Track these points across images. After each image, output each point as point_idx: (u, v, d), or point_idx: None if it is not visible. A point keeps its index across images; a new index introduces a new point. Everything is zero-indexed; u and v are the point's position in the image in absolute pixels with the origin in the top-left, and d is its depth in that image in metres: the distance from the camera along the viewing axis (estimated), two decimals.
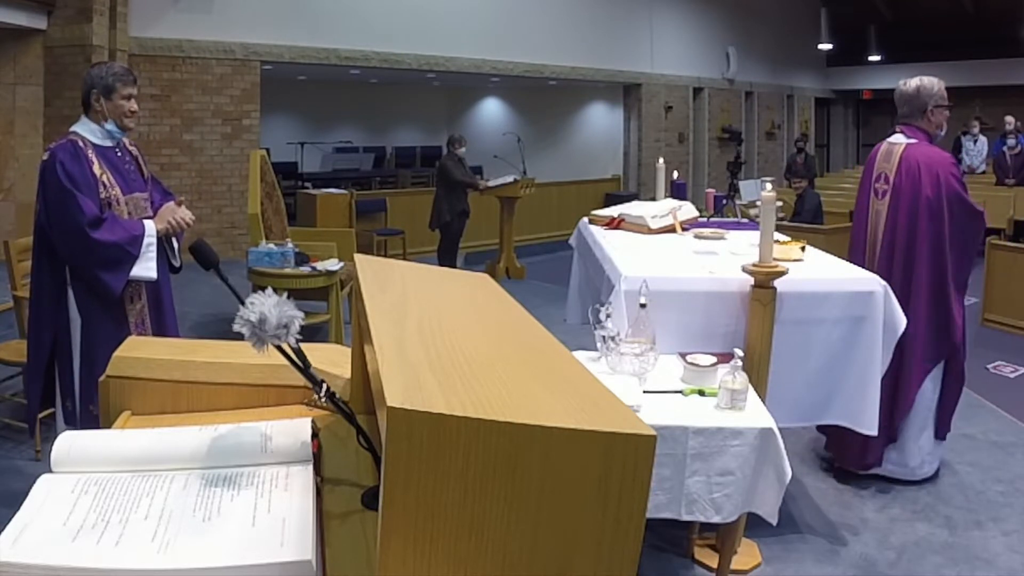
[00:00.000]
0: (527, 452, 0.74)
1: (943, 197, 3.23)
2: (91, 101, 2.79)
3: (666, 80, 13.09)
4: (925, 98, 3.35)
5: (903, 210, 3.29)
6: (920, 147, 3.33)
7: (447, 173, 7.50)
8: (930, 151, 3.32)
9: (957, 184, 3.28)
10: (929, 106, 3.35)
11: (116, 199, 2.76)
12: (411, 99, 14.97)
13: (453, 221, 7.52)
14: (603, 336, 2.54)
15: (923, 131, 3.38)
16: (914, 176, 3.27)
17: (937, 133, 3.42)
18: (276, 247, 5.10)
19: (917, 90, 3.37)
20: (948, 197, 3.23)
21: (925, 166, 3.26)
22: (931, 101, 3.35)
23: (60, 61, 7.14)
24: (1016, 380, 5.12)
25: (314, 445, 1.16)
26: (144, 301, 2.87)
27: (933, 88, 3.36)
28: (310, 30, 8.88)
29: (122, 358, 1.39)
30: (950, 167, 3.31)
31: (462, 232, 7.74)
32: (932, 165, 3.26)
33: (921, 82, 3.38)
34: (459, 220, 7.56)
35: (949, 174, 3.27)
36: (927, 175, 3.24)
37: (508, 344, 1.05)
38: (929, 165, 3.26)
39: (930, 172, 3.24)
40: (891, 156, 3.38)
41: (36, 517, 0.96)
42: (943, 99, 3.38)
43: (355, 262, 1.30)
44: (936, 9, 15.62)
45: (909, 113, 3.40)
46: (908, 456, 3.39)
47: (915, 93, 3.37)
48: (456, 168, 7.50)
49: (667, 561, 2.87)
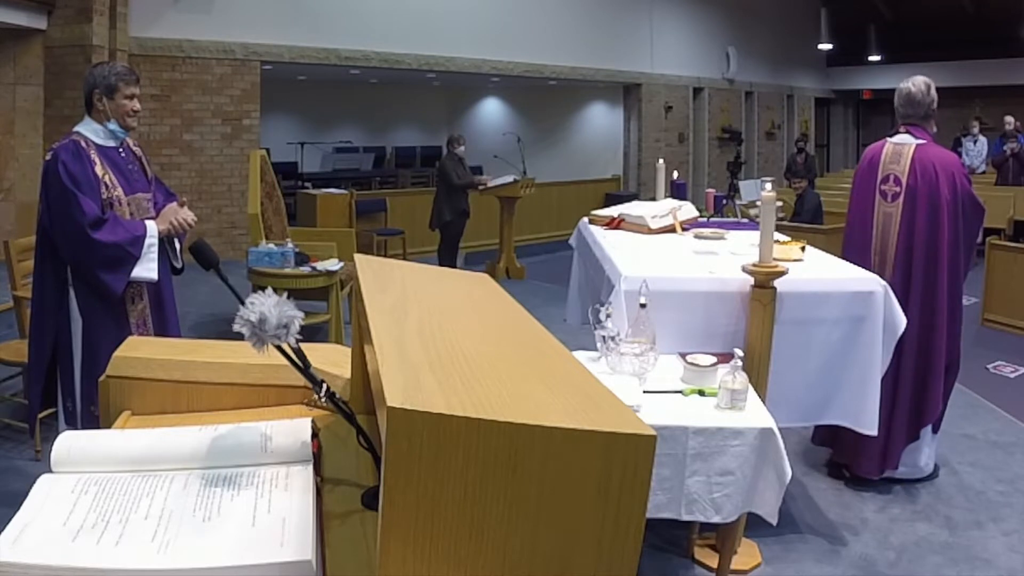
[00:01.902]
0: (527, 452, 0.74)
1: (958, 197, 3.26)
2: (93, 101, 2.78)
3: (666, 80, 13.09)
4: (933, 98, 3.38)
5: (921, 212, 3.26)
6: (931, 148, 3.33)
7: (446, 174, 7.52)
8: (941, 152, 3.35)
9: (969, 183, 3.34)
10: (934, 106, 3.39)
11: (118, 199, 2.76)
12: (411, 99, 14.96)
13: (453, 221, 7.52)
14: (603, 336, 2.54)
15: (928, 132, 3.39)
16: (931, 178, 3.25)
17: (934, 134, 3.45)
18: (276, 247, 5.10)
19: (928, 89, 3.37)
20: (962, 197, 3.27)
21: (941, 167, 3.27)
22: (931, 104, 3.38)
23: (60, 61, 7.14)
24: (1016, 380, 5.12)
25: (314, 445, 1.16)
26: (145, 302, 2.87)
27: (930, 90, 3.39)
28: (310, 30, 8.87)
29: (122, 358, 1.39)
30: (960, 167, 3.37)
31: (462, 232, 7.75)
32: (947, 166, 3.28)
33: (929, 82, 3.41)
34: (459, 220, 7.57)
35: (962, 175, 3.32)
36: (944, 176, 3.25)
37: (508, 344, 1.05)
38: (944, 166, 3.28)
39: (946, 173, 3.26)
40: (900, 157, 3.34)
41: (36, 517, 0.96)
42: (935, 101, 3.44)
43: (355, 262, 1.30)
44: (936, 9, 15.62)
45: (916, 114, 3.38)
46: (919, 455, 3.40)
47: (925, 93, 3.37)
48: (455, 169, 7.51)
49: (667, 561, 2.87)
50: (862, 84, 17.52)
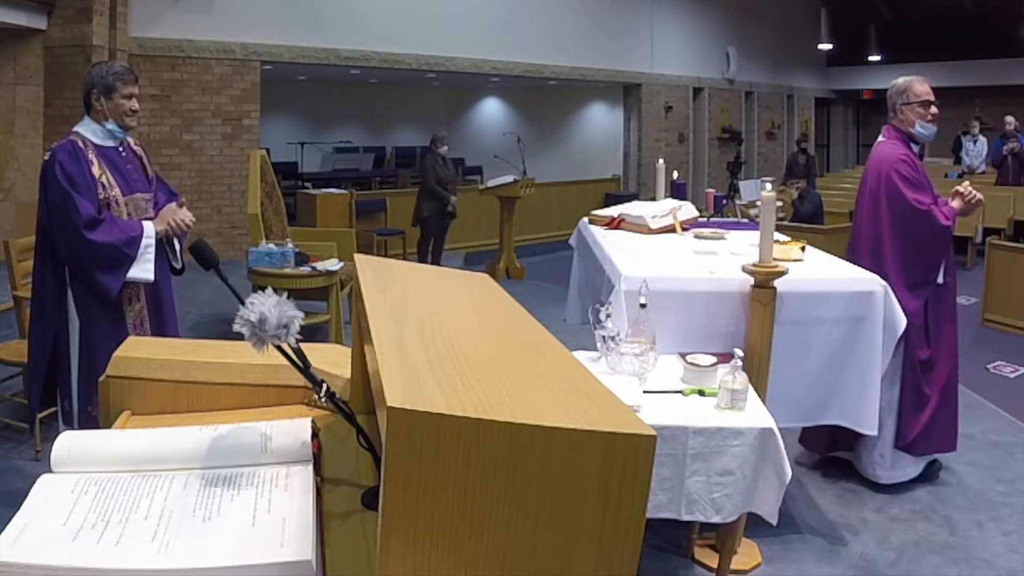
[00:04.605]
0: (527, 452, 0.74)
1: (882, 193, 3.29)
2: (92, 101, 2.78)
3: (666, 80, 13.08)
4: (894, 97, 3.42)
5: (858, 206, 3.48)
6: (882, 145, 3.42)
7: (425, 172, 7.72)
8: (885, 148, 3.39)
9: (898, 179, 3.27)
10: (897, 104, 3.40)
11: (115, 199, 2.75)
12: (411, 99, 14.96)
13: (431, 218, 7.63)
14: (603, 336, 2.54)
15: (898, 130, 3.42)
16: (866, 173, 3.43)
17: (919, 133, 3.37)
18: (276, 247, 5.10)
19: (892, 88, 3.45)
20: (888, 193, 3.28)
21: (874, 163, 3.38)
22: (899, 99, 3.40)
23: (60, 61, 7.14)
24: (1016, 380, 5.12)
25: (314, 445, 1.16)
26: (143, 302, 2.86)
27: (901, 86, 3.40)
28: (310, 30, 8.87)
29: (122, 358, 1.39)
30: (895, 163, 3.30)
31: (444, 230, 7.82)
32: (880, 162, 3.35)
33: (896, 81, 3.45)
34: (438, 218, 7.64)
35: (892, 170, 3.29)
36: (873, 171, 3.36)
37: (508, 344, 1.05)
38: (877, 162, 3.36)
39: (876, 168, 3.35)
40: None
41: (36, 517, 0.96)
42: (915, 96, 3.36)
43: (355, 262, 1.30)
44: (936, 9, 15.62)
45: (889, 111, 3.48)
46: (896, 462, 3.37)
47: (890, 91, 3.45)
48: (433, 169, 7.64)
49: (667, 561, 2.87)
50: (862, 84, 17.52)
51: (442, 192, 7.58)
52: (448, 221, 7.76)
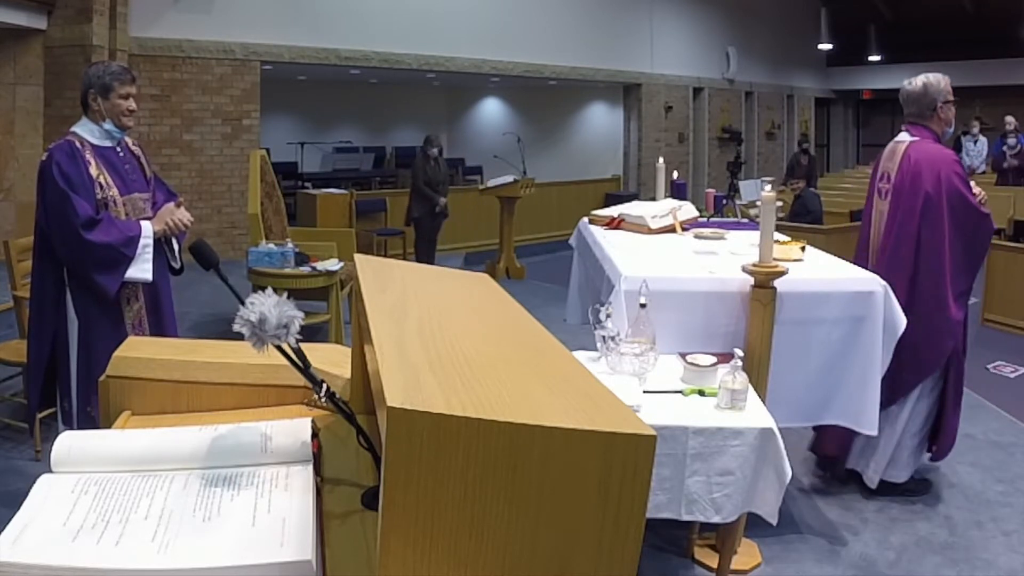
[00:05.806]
0: (527, 452, 0.74)
1: (943, 196, 3.13)
2: (89, 101, 2.77)
3: (666, 80, 13.09)
4: (934, 95, 3.27)
5: (903, 209, 3.21)
6: (922, 144, 3.24)
7: (414, 173, 7.74)
8: (932, 148, 3.23)
9: (959, 182, 3.16)
10: (938, 103, 3.26)
11: (113, 200, 2.75)
12: (411, 99, 14.96)
13: (422, 218, 7.64)
14: (603, 336, 2.54)
15: (930, 130, 3.29)
16: (915, 174, 3.18)
17: (946, 131, 3.33)
18: (276, 247, 5.10)
19: (924, 88, 3.28)
20: (949, 196, 3.13)
21: (927, 163, 3.17)
22: (940, 98, 3.26)
23: (60, 61, 7.14)
24: (1016, 380, 5.12)
25: (314, 445, 1.16)
26: (142, 303, 2.86)
27: (940, 84, 3.28)
28: (310, 30, 8.88)
29: (122, 358, 1.39)
30: (953, 164, 3.20)
31: (436, 230, 7.82)
32: (935, 163, 3.16)
33: (927, 79, 3.29)
34: (429, 218, 7.64)
35: (952, 172, 3.16)
36: (928, 172, 3.15)
37: (508, 344, 1.05)
38: (931, 162, 3.16)
39: (932, 169, 3.15)
40: (895, 155, 3.31)
41: (36, 517, 0.96)
42: (950, 95, 3.28)
43: (355, 262, 1.30)
44: (936, 9, 15.62)
45: (918, 112, 3.31)
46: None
47: (923, 91, 3.28)
48: (422, 170, 7.65)
49: (667, 561, 2.87)
50: (862, 84, 17.53)
51: (430, 193, 7.57)
52: (440, 221, 7.76)
